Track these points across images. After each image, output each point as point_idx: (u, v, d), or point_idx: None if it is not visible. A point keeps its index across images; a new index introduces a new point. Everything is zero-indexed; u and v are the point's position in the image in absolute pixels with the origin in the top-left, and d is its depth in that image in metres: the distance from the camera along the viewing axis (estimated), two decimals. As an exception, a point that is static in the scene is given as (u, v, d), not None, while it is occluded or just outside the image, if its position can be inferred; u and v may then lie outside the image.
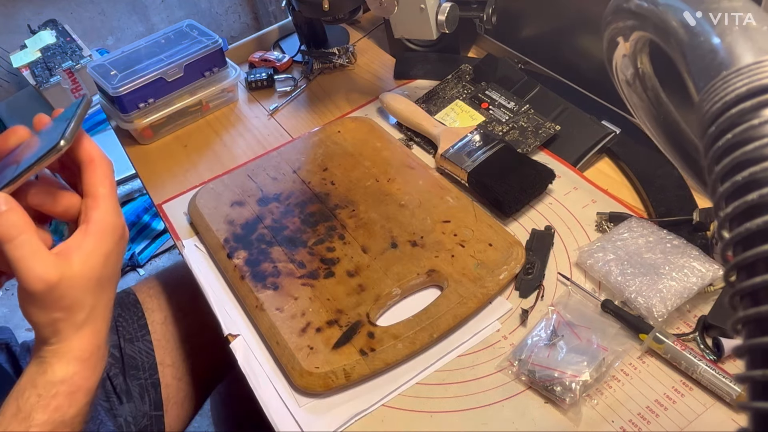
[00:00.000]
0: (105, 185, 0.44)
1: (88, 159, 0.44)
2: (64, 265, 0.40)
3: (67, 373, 0.42)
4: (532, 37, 0.83)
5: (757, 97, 0.24)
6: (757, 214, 0.23)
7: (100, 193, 0.44)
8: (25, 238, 0.39)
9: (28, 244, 0.39)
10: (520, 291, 0.58)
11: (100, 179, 0.44)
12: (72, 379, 0.42)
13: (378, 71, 0.91)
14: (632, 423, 0.48)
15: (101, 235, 0.43)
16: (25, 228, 0.40)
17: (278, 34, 1.02)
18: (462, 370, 0.53)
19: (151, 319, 0.75)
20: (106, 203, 0.43)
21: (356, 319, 0.55)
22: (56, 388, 0.41)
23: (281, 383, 0.54)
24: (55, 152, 0.40)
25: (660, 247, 0.56)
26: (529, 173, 0.64)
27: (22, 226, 0.39)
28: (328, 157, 0.73)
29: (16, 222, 0.39)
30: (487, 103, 0.77)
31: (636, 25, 0.36)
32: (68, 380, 0.42)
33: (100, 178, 0.44)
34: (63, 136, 0.40)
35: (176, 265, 0.85)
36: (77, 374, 0.42)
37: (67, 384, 0.42)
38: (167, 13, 2.06)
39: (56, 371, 0.41)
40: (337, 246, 0.62)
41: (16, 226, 0.39)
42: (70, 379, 0.42)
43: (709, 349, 0.51)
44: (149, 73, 0.79)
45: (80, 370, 0.42)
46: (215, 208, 0.68)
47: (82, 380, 0.43)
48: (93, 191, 0.44)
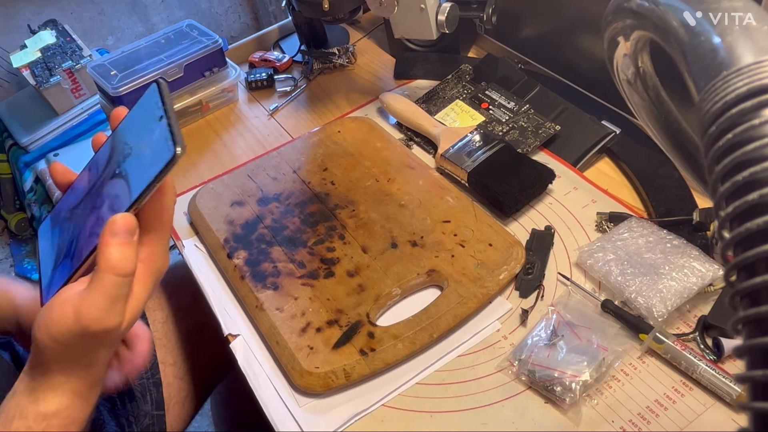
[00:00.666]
0: (162, 220, 0.40)
1: None
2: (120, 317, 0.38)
3: (61, 406, 0.39)
4: (532, 37, 0.83)
5: (757, 97, 0.24)
6: (758, 214, 0.23)
7: (155, 228, 0.39)
8: (126, 281, 0.37)
9: (121, 288, 0.37)
10: (520, 291, 0.58)
11: (160, 211, 0.39)
12: (65, 411, 0.39)
13: (378, 71, 0.91)
14: (632, 423, 0.48)
15: (146, 278, 0.39)
16: (132, 269, 0.37)
17: (278, 34, 1.02)
18: (462, 370, 0.53)
19: (152, 318, 0.75)
20: (157, 242, 0.39)
21: (356, 319, 0.55)
22: (47, 421, 0.39)
23: (281, 383, 0.54)
24: (174, 162, 0.35)
25: (660, 247, 0.56)
26: (529, 173, 0.64)
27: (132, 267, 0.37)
28: (328, 157, 0.73)
29: (132, 258, 0.37)
30: (487, 103, 0.77)
31: (636, 25, 0.36)
32: (61, 413, 0.39)
33: (160, 210, 0.39)
34: (175, 141, 0.35)
35: (176, 265, 0.85)
36: (71, 407, 0.39)
37: (60, 417, 0.39)
38: (167, 13, 2.06)
39: (49, 403, 0.39)
40: (337, 246, 0.62)
41: (132, 261, 0.37)
42: (64, 411, 0.39)
43: (709, 349, 0.51)
44: (149, 73, 0.79)
45: (74, 403, 0.40)
46: (215, 208, 0.68)
47: (76, 412, 0.40)
48: (149, 224, 0.39)
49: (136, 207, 0.37)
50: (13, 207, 1.81)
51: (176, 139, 0.36)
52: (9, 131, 1.72)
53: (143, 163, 0.37)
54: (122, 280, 0.37)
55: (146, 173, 0.36)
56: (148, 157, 0.37)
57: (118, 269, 0.36)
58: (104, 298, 0.36)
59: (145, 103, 0.39)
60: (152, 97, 0.39)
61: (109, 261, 0.36)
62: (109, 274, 0.36)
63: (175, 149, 0.35)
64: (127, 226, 0.37)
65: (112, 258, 0.36)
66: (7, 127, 1.73)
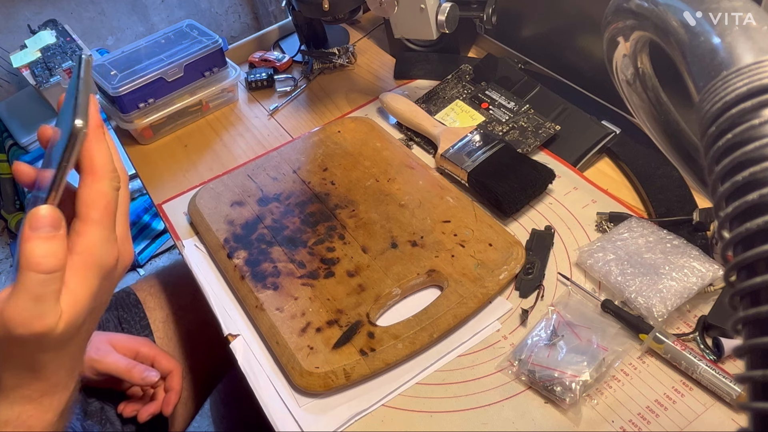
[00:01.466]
0: (98, 207, 0.36)
1: (87, 165, 0.36)
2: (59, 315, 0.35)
3: (12, 413, 0.37)
4: (532, 37, 0.83)
5: (757, 97, 0.24)
6: (758, 214, 0.23)
7: (90, 217, 0.35)
8: (50, 278, 0.33)
9: (45, 285, 0.33)
10: (520, 291, 0.58)
11: (94, 197, 0.36)
12: (18, 419, 0.37)
13: (378, 71, 0.91)
14: (632, 423, 0.48)
15: (85, 272, 0.35)
16: (57, 265, 0.34)
17: (278, 34, 1.02)
18: (462, 370, 0.53)
19: (153, 317, 0.75)
20: (95, 231, 0.36)
21: (356, 319, 0.55)
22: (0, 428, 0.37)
23: (281, 383, 0.54)
24: (76, 139, 0.32)
25: (660, 247, 0.56)
26: (529, 173, 0.64)
27: (57, 262, 0.34)
28: (328, 157, 0.73)
29: (57, 252, 0.34)
30: (487, 103, 0.77)
31: (636, 25, 0.36)
32: (13, 421, 0.37)
33: (95, 196, 0.36)
34: (75, 115, 0.32)
35: (175, 264, 0.85)
36: (24, 413, 0.37)
37: (13, 425, 0.37)
38: (167, 13, 2.06)
39: (1, 411, 0.37)
40: (337, 246, 0.62)
41: (56, 256, 0.34)
42: (16, 419, 0.37)
43: (709, 349, 0.51)
44: (149, 73, 0.79)
45: (27, 410, 0.37)
46: (215, 208, 0.68)
47: (32, 420, 0.37)
48: (84, 212, 0.36)
49: (54, 195, 0.34)
50: (13, 207, 1.81)
51: (78, 111, 0.32)
52: (9, 131, 1.72)
53: (57, 147, 0.34)
54: (46, 277, 0.33)
55: (57, 156, 0.33)
56: (61, 139, 0.34)
57: (41, 265, 0.33)
58: (27, 298, 0.33)
59: (71, 81, 0.36)
60: (74, 74, 0.36)
61: (30, 258, 0.33)
62: (31, 272, 0.33)
63: (72, 123, 0.32)
64: (48, 218, 0.33)
65: (34, 254, 0.33)
66: (7, 127, 1.73)
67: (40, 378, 0.37)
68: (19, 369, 0.37)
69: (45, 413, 0.38)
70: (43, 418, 0.38)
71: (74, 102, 0.33)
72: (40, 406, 0.38)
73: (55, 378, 0.38)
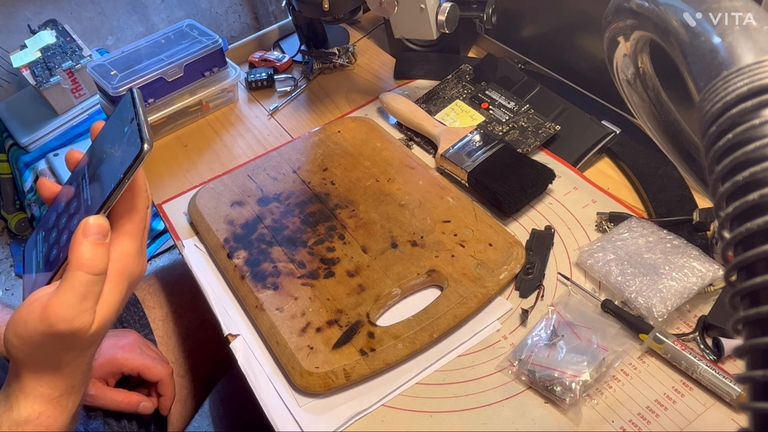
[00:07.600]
0: (133, 221, 0.40)
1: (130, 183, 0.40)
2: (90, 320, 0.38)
3: (33, 413, 0.39)
4: (532, 37, 0.83)
5: (757, 97, 0.24)
6: (758, 214, 0.23)
7: (126, 229, 0.40)
8: (96, 279, 0.37)
9: (91, 286, 0.37)
10: (520, 291, 0.58)
11: (130, 212, 0.40)
12: (38, 419, 0.39)
13: (378, 71, 0.91)
14: (632, 423, 0.48)
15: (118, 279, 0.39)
16: (103, 268, 0.37)
17: (278, 34, 1.02)
18: (462, 370, 0.53)
19: (152, 316, 0.75)
20: (129, 243, 0.40)
21: (356, 319, 0.55)
22: (21, 428, 0.39)
23: (281, 383, 0.54)
24: (142, 158, 0.37)
25: (660, 247, 0.56)
26: (529, 173, 0.64)
27: (103, 266, 0.37)
28: (328, 157, 0.73)
29: (103, 257, 0.37)
30: (487, 103, 0.77)
31: (636, 25, 0.36)
32: (33, 420, 0.39)
33: (131, 211, 0.40)
34: (142, 138, 0.37)
35: (175, 263, 0.85)
36: (43, 414, 0.39)
37: (32, 424, 0.39)
38: (167, 13, 2.06)
39: (21, 410, 0.39)
40: (337, 246, 0.62)
41: (102, 260, 0.37)
42: (36, 419, 0.39)
43: (709, 349, 0.51)
44: (149, 73, 0.79)
45: (47, 410, 0.39)
46: (215, 208, 0.68)
47: (50, 420, 0.40)
48: (120, 224, 0.40)
49: (107, 207, 0.38)
50: (13, 207, 1.81)
51: (143, 136, 0.37)
52: (9, 131, 1.72)
53: (115, 165, 0.39)
54: (92, 278, 0.37)
55: (116, 173, 0.38)
56: (119, 158, 0.38)
57: (89, 267, 0.37)
58: (73, 295, 0.36)
59: (119, 111, 0.41)
60: (126, 104, 0.41)
61: (80, 259, 0.37)
62: (80, 272, 0.36)
63: (142, 145, 0.37)
64: (99, 227, 0.38)
65: (84, 256, 0.37)
66: (7, 127, 1.73)
67: (60, 378, 0.39)
68: (42, 367, 0.39)
69: (61, 414, 0.40)
70: (60, 418, 0.40)
71: (137, 126, 0.38)
72: (58, 406, 0.40)
73: (72, 379, 0.40)
